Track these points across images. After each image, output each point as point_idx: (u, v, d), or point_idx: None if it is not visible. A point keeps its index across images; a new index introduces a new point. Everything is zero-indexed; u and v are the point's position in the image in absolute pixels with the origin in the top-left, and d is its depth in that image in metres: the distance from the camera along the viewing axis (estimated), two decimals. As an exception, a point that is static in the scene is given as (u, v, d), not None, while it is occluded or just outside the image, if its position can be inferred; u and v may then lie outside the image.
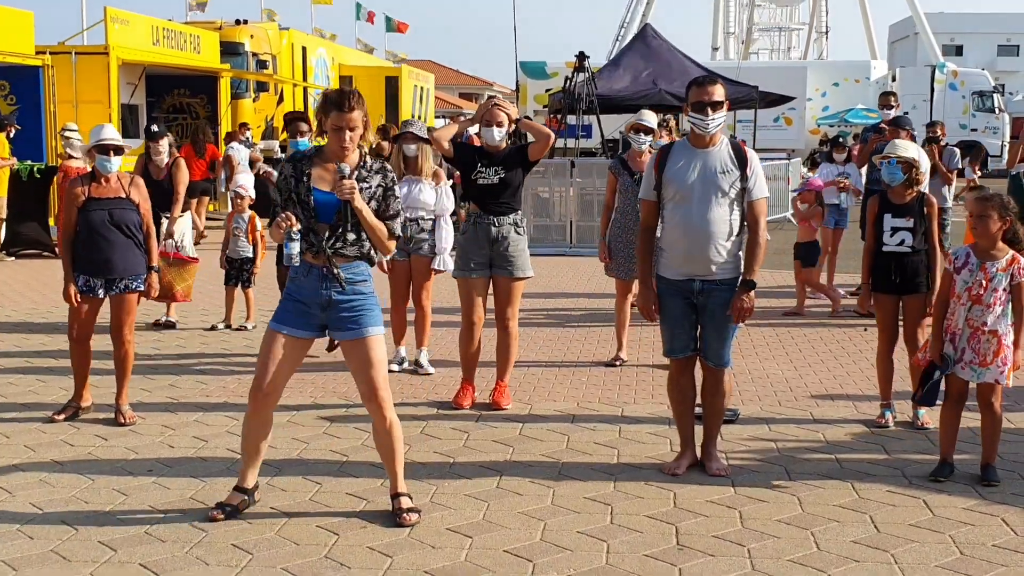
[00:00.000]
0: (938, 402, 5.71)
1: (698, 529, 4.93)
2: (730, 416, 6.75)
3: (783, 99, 24.40)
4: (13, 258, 15.34)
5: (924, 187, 6.83)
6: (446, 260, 8.01)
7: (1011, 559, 4.58)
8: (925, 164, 6.83)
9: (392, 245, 5.08)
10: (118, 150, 6.75)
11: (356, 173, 4.91)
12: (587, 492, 5.42)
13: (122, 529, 4.92)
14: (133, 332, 6.90)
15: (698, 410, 5.92)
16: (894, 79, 41.90)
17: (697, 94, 5.58)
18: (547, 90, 30.01)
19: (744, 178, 5.55)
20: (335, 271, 4.88)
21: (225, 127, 23.41)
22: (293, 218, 4.81)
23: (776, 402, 7.28)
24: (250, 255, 9.95)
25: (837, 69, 43.80)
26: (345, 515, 5.10)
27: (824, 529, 4.93)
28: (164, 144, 9.95)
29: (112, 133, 6.82)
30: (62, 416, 6.76)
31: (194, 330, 9.87)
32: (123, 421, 6.70)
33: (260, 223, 9.93)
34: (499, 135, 7.04)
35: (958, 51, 70.67)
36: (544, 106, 30.12)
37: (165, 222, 9.70)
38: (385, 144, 14.95)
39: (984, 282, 5.47)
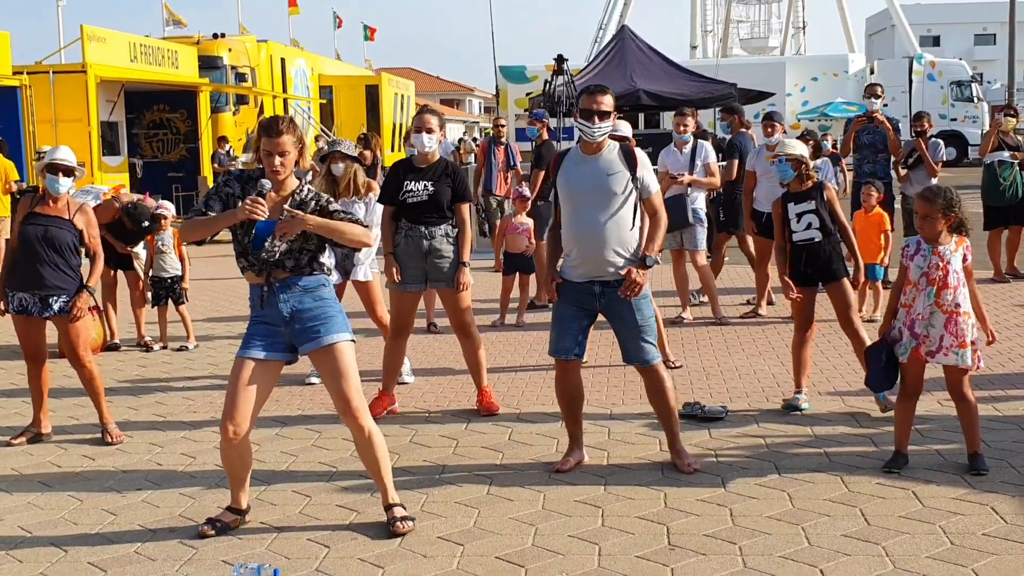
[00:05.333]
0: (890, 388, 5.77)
1: (689, 528, 4.93)
2: (718, 414, 6.77)
3: (762, 95, 24.45)
4: None
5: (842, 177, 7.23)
6: (366, 271, 7.90)
7: (1001, 547, 4.60)
8: (808, 157, 7.09)
9: (363, 234, 5.01)
10: (68, 171, 6.69)
11: (291, 200, 4.92)
12: (577, 495, 5.42)
13: (112, 549, 4.91)
14: (89, 352, 6.83)
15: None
16: (872, 72, 42.02)
17: (586, 102, 5.67)
18: (527, 94, 30.01)
19: (635, 179, 5.67)
20: (287, 280, 4.90)
21: (206, 141, 23.39)
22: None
23: (763, 399, 7.29)
24: (179, 272, 9.97)
25: (815, 64, 43.89)
26: (335, 527, 5.08)
27: (815, 524, 4.93)
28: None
29: (64, 155, 6.75)
30: (19, 440, 6.73)
31: (179, 349, 9.83)
32: (110, 440, 6.68)
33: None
34: (429, 142, 6.97)
35: (935, 42, 71.02)
36: (525, 110, 30.10)
37: (143, 253, 9.81)
38: (367, 152, 14.96)
39: (941, 264, 5.52)
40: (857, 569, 4.42)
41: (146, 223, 9.58)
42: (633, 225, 5.68)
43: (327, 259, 5.13)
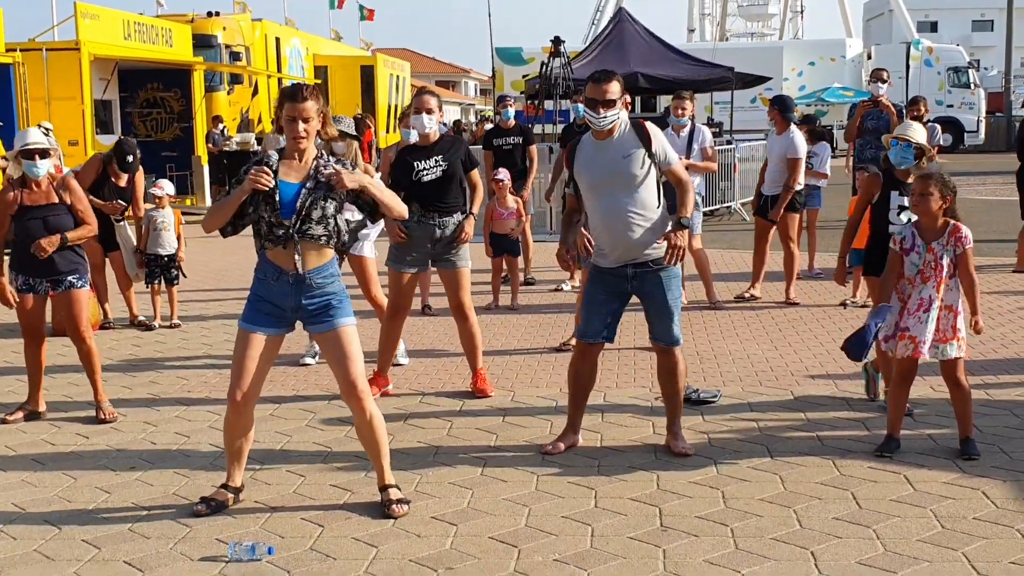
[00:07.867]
0: (864, 359, 5.77)
1: (681, 510, 4.95)
2: (711, 397, 6.79)
3: (759, 79, 24.42)
4: None
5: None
6: (370, 247, 7.93)
7: (992, 531, 4.62)
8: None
9: (401, 206, 5.14)
10: (43, 154, 6.65)
11: (314, 167, 4.92)
12: (571, 477, 5.44)
13: (106, 527, 4.92)
14: (89, 328, 6.83)
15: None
16: (869, 57, 41.96)
17: (591, 91, 5.63)
18: (524, 76, 29.91)
19: (652, 154, 5.64)
20: (303, 276, 4.87)
21: (200, 120, 23.30)
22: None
23: (757, 383, 7.31)
24: (174, 251, 10.00)
25: (812, 48, 43.82)
26: (329, 507, 5.10)
27: (806, 507, 4.96)
28: (128, 177, 9.81)
29: (36, 137, 6.70)
30: (14, 417, 6.73)
31: (170, 327, 9.82)
32: (104, 418, 6.68)
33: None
34: (429, 122, 6.94)
35: (933, 27, 70.95)
36: (521, 92, 30.05)
37: (124, 224, 9.83)
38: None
39: (934, 264, 5.53)
40: (848, 552, 4.44)
41: (131, 157, 9.61)
42: (659, 202, 5.68)
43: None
